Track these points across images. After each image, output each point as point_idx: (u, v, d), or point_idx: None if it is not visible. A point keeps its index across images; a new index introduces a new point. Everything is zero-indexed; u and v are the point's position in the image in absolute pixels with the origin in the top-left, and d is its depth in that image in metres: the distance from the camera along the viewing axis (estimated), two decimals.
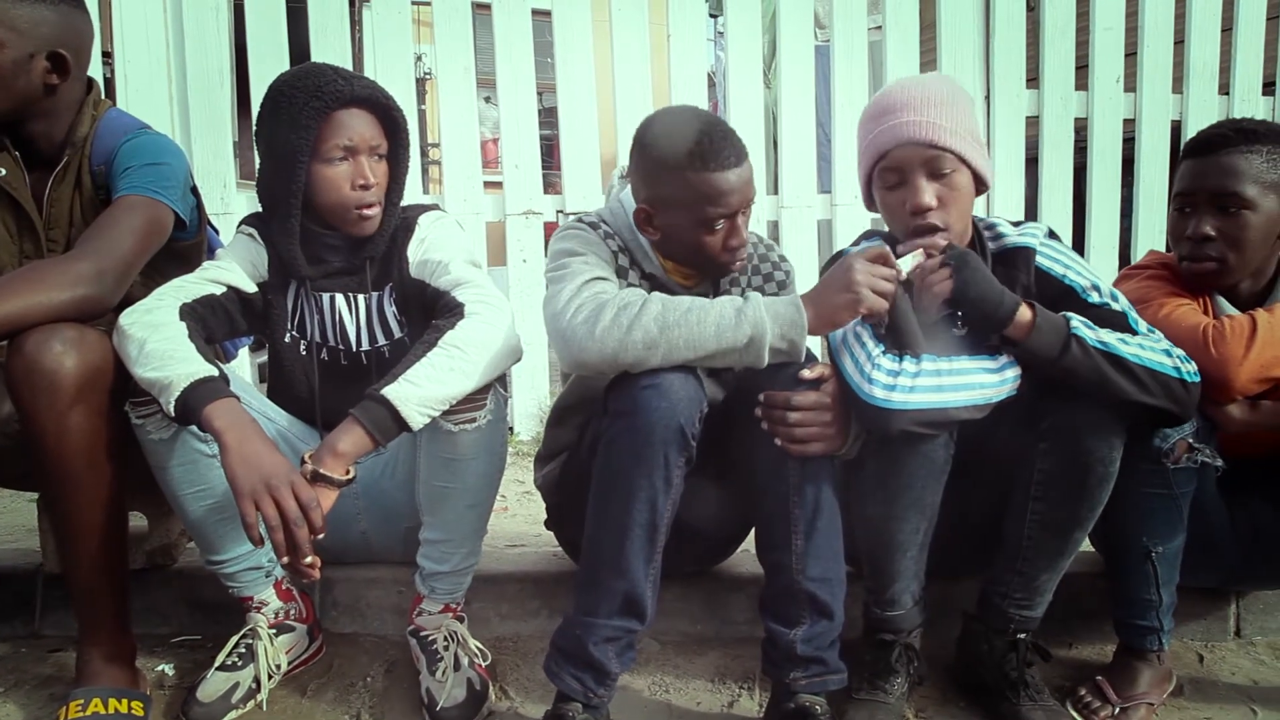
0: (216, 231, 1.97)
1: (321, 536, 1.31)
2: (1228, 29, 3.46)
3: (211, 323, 1.54)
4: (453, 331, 1.43)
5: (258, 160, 1.60)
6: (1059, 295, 1.50)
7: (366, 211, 1.56)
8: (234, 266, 1.59)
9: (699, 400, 1.36)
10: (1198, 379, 1.41)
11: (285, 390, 1.68)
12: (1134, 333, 1.44)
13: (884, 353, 1.40)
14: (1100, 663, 1.72)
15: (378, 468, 1.70)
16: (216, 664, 1.57)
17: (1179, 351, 1.42)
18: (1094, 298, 1.49)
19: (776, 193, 3.29)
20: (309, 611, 1.73)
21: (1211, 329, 1.48)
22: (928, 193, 1.46)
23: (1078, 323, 1.39)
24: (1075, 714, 1.56)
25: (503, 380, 1.57)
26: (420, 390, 1.37)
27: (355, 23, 3.63)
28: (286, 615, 1.67)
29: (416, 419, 1.37)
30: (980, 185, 1.53)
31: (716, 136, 1.46)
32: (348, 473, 1.37)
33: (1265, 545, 1.67)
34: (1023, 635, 1.55)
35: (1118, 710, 1.55)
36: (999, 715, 1.54)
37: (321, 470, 1.35)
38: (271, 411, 1.66)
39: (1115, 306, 1.48)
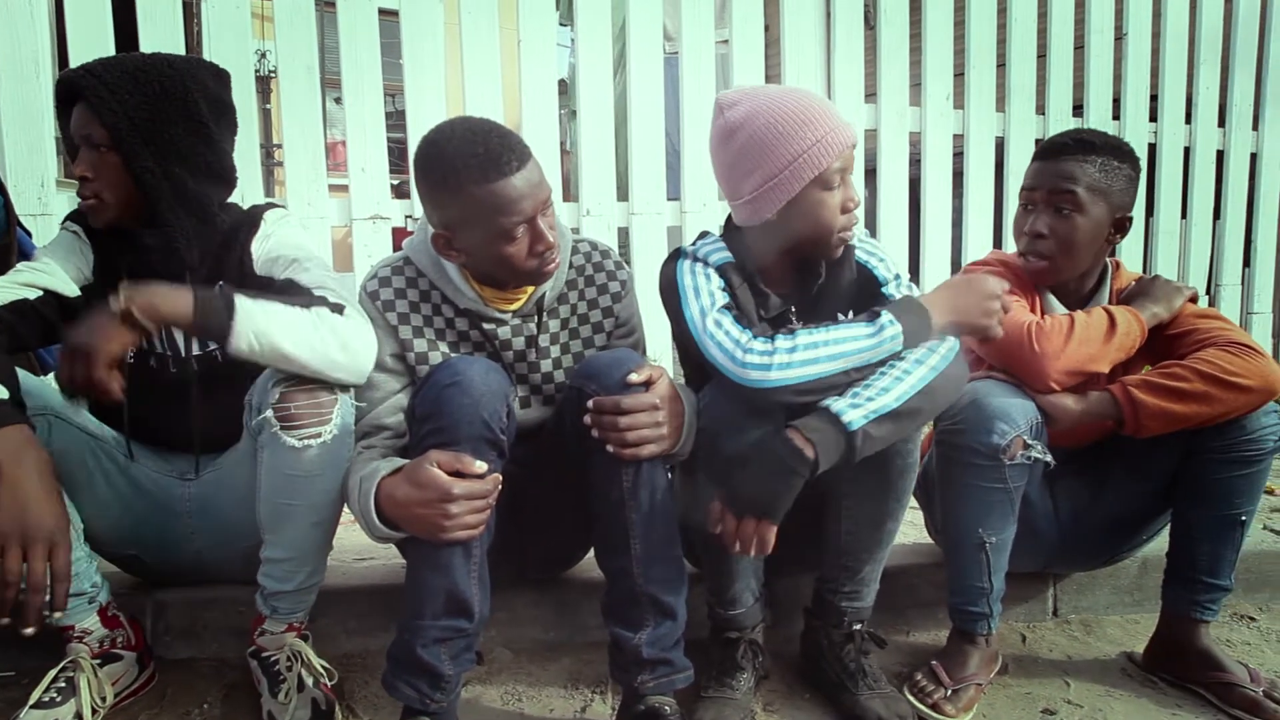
0: (29, 234, 1.83)
1: (60, 616, 1.25)
2: (1043, 55, 3.73)
3: (22, 330, 1.43)
4: (337, 316, 1.40)
5: None
6: (865, 283, 1.58)
7: (85, 204, 1.48)
8: (54, 268, 1.49)
9: (503, 392, 1.36)
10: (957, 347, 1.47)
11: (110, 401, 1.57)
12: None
13: (751, 336, 1.41)
14: (936, 648, 1.81)
15: (212, 485, 1.61)
16: (32, 701, 1.45)
17: (935, 341, 1.45)
18: (890, 288, 1.56)
19: (626, 199, 3.33)
20: (138, 638, 1.62)
21: (1035, 326, 1.61)
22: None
23: (843, 406, 1.36)
24: (911, 698, 1.63)
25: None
26: (264, 321, 1.32)
27: (194, 15, 3.42)
28: (113, 643, 1.56)
29: (241, 338, 1.31)
30: None
31: (493, 143, 1.38)
32: (145, 332, 1.30)
33: (1081, 530, 1.82)
34: (858, 626, 1.63)
35: (950, 692, 1.63)
36: (840, 705, 1.61)
37: (133, 310, 1.27)
38: (93, 426, 1.55)
39: (910, 294, 1.53)
